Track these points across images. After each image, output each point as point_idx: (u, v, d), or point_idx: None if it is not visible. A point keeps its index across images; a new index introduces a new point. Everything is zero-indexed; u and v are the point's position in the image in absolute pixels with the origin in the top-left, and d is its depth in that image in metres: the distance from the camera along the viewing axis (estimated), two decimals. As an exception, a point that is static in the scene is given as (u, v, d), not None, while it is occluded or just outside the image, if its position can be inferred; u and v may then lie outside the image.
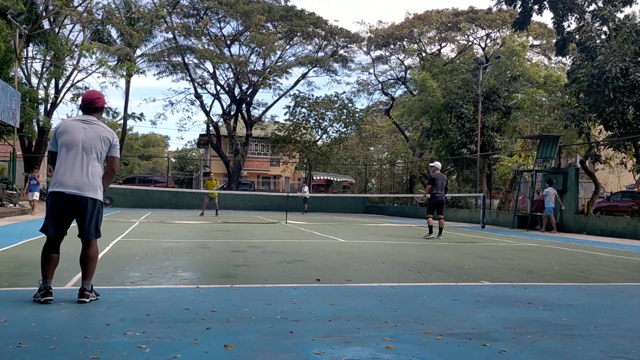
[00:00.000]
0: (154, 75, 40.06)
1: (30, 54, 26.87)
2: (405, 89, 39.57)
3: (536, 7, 20.18)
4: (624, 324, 4.25)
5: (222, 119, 37.42)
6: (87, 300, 4.30)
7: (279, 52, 36.78)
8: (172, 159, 59.93)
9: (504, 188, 28.69)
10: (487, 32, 36.94)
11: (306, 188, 29.63)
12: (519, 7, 20.60)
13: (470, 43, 37.90)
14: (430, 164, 14.30)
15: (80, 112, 4.64)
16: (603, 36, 19.47)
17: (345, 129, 36.93)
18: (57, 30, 27.28)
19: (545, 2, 19.84)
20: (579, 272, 7.43)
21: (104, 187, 4.50)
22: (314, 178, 39.79)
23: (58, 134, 4.45)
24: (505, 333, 3.78)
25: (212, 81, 36.55)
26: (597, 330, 3.96)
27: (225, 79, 36.59)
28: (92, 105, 4.54)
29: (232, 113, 37.02)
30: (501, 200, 27.56)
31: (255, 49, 35.13)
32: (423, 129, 32.79)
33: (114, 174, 4.59)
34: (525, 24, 21.13)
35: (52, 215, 4.34)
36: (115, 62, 30.60)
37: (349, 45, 38.50)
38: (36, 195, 18.62)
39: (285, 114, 36.53)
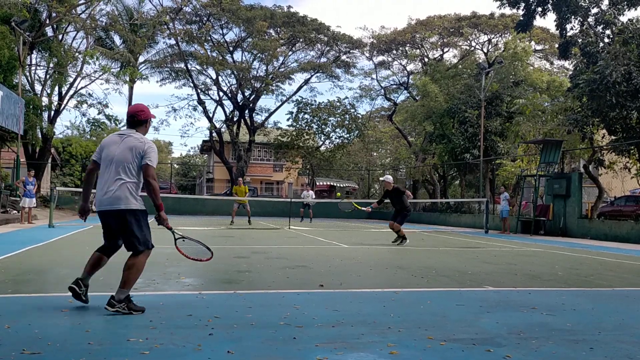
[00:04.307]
0: (157, 81, 40.03)
1: (33, 61, 26.96)
2: (408, 94, 39.58)
3: (539, 9, 20.09)
4: (628, 329, 4.23)
5: (225, 125, 37.48)
6: (111, 309, 4.14)
7: (281, 58, 36.88)
8: (175, 165, 60.01)
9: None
10: (489, 37, 36.97)
11: (310, 192, 26.17)
12: (522, 9, 20.52)
13: (472, 48, 37.94)
14: (383, 179, 12.70)
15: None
16: (606, 40, 19.41)
17: (348, 135, 36.95)
18: (60, 37, 27.40)
19: (549, 5, 19.77)
20: (583, 277, 7.40)
21: (154, 199, 4.28)
22: (317, 184, 39.76)
23: (100, 149, 4.44)
24: (509, 338, 3.77)
25: (214, 87, 36.63)
26: (602, 336, 3.94)
27: (228, 85, 36.69)
28: (134, 118, 4.46)
29: (235, 119, 37.07)
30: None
31: (258, 55, 35.20)
32: (426, 134, 32.78)
33: (150, 182, 4.28)
34: (528, 26, 21.05)
35: (103, 230, 4.54)
36: (119, 69, 30.66)
37: (351, 51, 38.55)
38: (33, 202, 16.62)
39: (288, 120, 36.65)
